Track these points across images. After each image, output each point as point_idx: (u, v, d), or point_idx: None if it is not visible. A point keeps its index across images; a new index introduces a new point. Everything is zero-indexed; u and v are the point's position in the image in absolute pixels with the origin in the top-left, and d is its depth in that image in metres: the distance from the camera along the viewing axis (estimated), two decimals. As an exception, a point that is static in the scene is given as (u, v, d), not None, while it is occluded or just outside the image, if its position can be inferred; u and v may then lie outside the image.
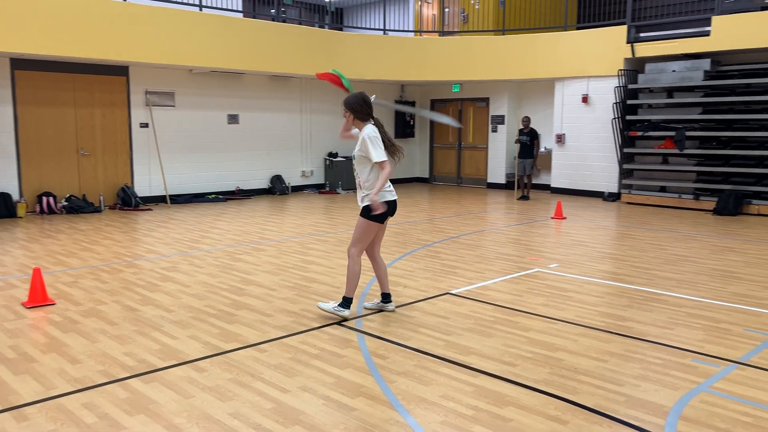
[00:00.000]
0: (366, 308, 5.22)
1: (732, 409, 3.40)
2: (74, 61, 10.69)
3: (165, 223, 9.78)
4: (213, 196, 12.85)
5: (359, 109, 4.78)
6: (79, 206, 10.84)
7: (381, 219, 4.82)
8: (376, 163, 4.68)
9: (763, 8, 11.29)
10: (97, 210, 11.10)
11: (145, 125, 11.94)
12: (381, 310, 5.17)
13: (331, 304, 4.97)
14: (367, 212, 4.78)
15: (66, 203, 10.82)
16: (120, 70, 11.52)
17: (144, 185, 12.05)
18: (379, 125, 4.86)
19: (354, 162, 4.84)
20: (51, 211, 10.63)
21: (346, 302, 4.91)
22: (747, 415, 3.34)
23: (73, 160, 11.20)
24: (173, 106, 12.28)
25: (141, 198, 11.77)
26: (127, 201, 11.45)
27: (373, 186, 4.72)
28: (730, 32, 11.30)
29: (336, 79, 5.03)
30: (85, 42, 9.98)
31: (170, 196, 12.20)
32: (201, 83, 12.68)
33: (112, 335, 4.53)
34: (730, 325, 4.88)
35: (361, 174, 4.80)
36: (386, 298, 5.18)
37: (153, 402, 3.44)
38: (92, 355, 4.13)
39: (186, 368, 3.92)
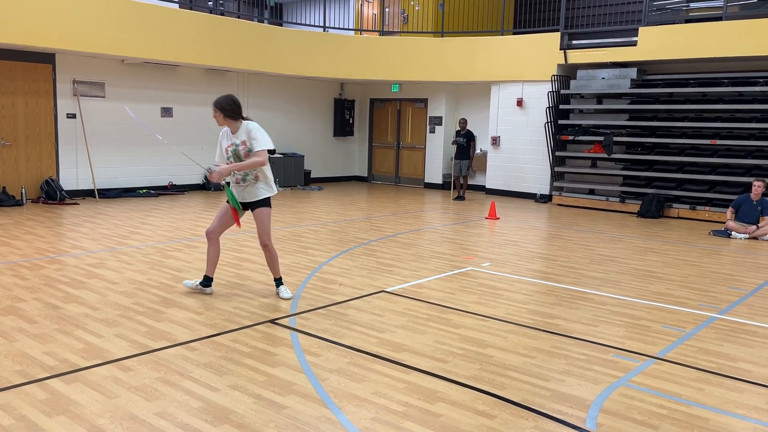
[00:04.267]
0: (187, 287, 5.51)
1: (649, 402, 3.57)
2: (-5, 46, 10.16)
3: (92, 218, 9.41)
4: (144, 191, 12.45)
5: (230, 108, 5.06)
6: (-2, 199, 10.32)
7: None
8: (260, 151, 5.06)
9: (687, 21, 11.90)
10: (18, 203, 10.57)
11: (72, 116, 11.45)
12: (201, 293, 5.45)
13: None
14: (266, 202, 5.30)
15: (-16, 196, 10.27)
16: (46, 58, 10.99)
17: (70, 178, 11.55)
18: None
19: (237, 156, 5.10)
20: (-33, 204, 10.08)
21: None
22: (662, 407, 3.51)
23: (-7, 150, 10.65)
24: (103, 96, 11.83)
25: (67, 192, 11.27)
26: (52, 194, 10.94)
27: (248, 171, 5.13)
28: (655, 43, 11.84)
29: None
30: (7, 26, 9.47)
31: (99, 190, 11.74)
32: (133, 74, 12.26)
33: (32, 334, 4.33)
34: (650, 322, 5.12)
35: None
36: (208, 281, 5.48)
37: (74, 403, 3.31)
38: (9, 355, 3.94)
39: (111, 367, 3.80)
